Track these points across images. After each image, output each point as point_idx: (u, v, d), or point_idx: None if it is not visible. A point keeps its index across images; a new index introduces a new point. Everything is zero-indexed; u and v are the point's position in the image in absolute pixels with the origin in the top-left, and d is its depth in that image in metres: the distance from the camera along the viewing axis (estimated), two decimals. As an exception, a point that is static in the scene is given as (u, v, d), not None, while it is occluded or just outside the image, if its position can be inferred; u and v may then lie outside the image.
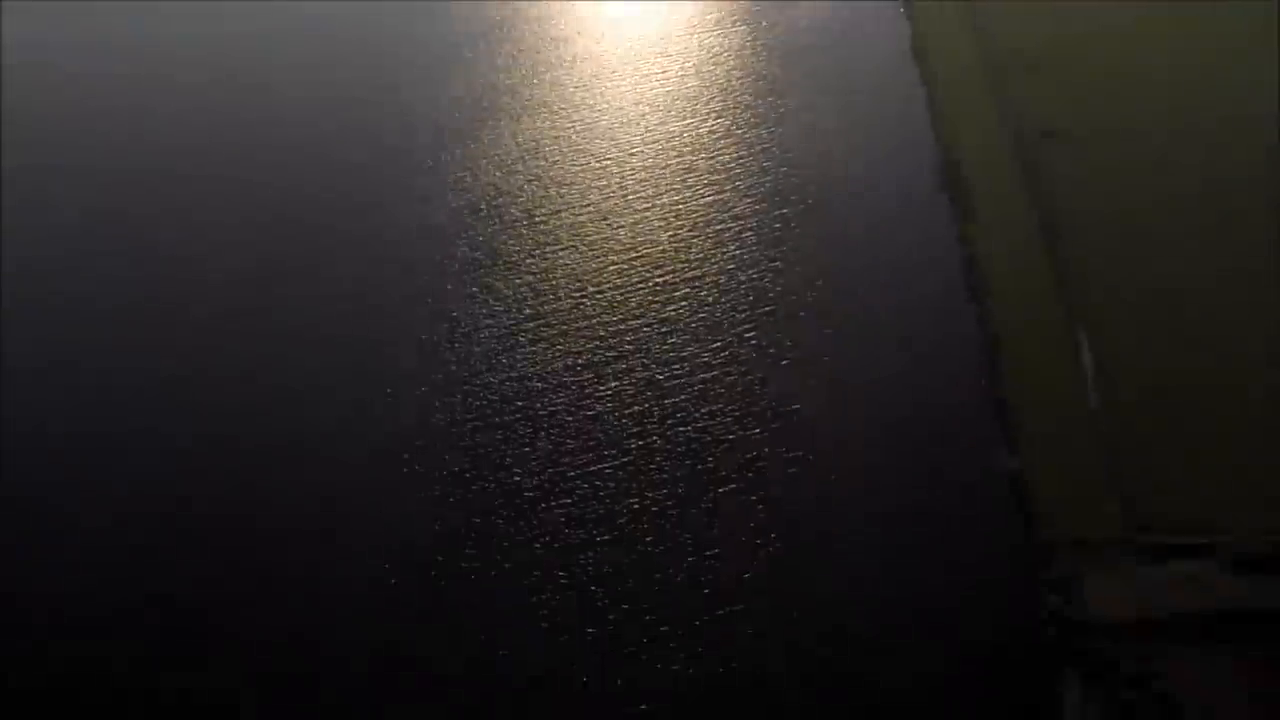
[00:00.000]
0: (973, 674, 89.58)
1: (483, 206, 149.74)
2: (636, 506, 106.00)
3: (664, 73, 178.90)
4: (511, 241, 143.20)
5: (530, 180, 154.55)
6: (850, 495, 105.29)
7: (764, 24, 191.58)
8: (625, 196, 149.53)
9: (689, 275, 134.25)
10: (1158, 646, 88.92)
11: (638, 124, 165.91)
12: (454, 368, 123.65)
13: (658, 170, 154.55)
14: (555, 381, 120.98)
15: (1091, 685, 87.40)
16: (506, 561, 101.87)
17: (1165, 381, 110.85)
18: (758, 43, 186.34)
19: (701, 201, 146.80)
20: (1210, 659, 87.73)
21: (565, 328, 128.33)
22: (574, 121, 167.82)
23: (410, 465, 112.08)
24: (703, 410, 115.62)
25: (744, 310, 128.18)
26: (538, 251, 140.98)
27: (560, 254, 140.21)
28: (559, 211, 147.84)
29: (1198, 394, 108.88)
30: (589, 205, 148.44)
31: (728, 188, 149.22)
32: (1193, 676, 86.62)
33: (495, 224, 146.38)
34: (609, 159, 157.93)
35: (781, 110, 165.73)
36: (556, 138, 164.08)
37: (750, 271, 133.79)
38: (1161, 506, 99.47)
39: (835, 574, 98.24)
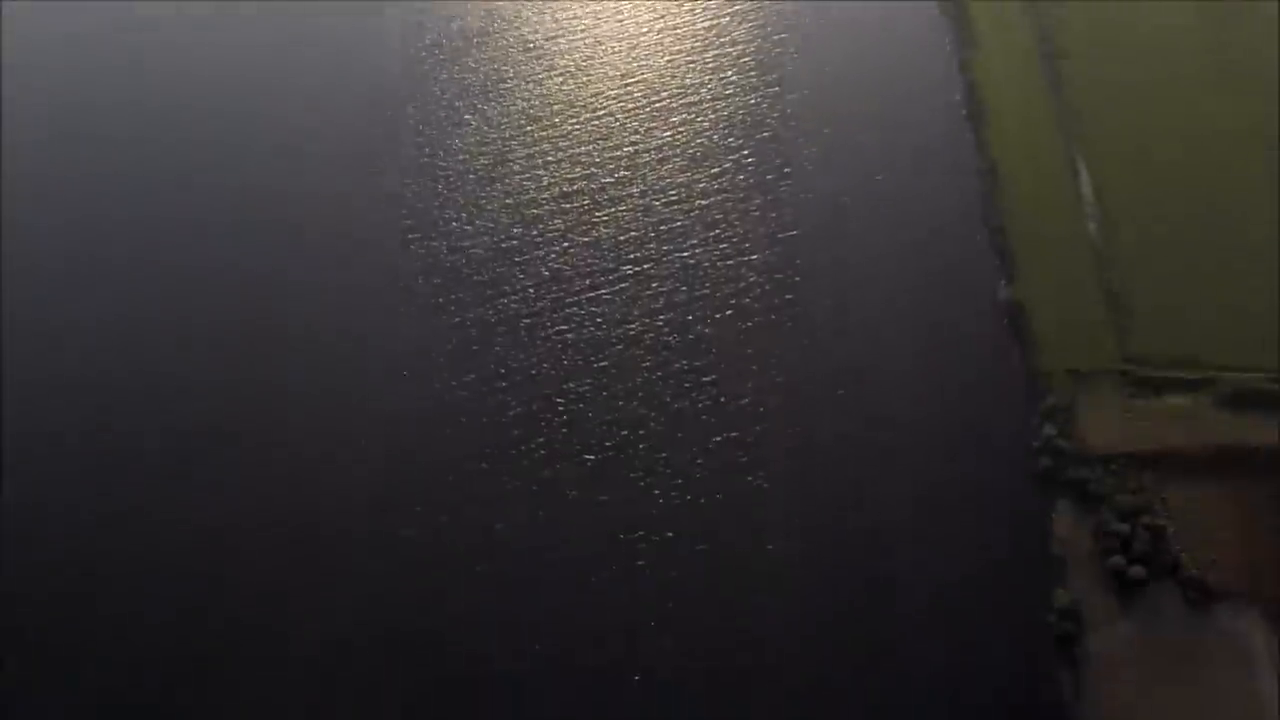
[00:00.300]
0: (965, 502, 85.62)
1: (476, 33, 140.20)
2: (634, 332, 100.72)
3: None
4: (506, 68, 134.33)
5: (525, 4, 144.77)
6: (847, 321, 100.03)
7: None
8: (621, 21, 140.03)
9: (686, 101, 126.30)
10: (1150, 480, 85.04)
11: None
12: (449, 195, 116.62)
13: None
14: (551, 208, 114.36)
15: (1083, 517, 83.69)
16: (504, 384, 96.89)
17: (1165, 214, 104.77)
18: None
19: (699, 26, 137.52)
20: (1201, 493, 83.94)
21: (560, 154, 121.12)
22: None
23: (406, 290, 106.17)
24: (699, 236, 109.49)
25: (741, 136, 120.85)
26: (532, 78, 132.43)
27: (554, 80, 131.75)
28: (554, 37, 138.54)
29: (1197, 228, 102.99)
30: (583, 30, 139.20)
31: (726, 12, 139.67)
32: (1184, 510, 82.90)
33: (489, 50, 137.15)
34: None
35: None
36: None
37: (748, 97, 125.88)
38: (1157, 340, 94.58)
39: (832, 401, 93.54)
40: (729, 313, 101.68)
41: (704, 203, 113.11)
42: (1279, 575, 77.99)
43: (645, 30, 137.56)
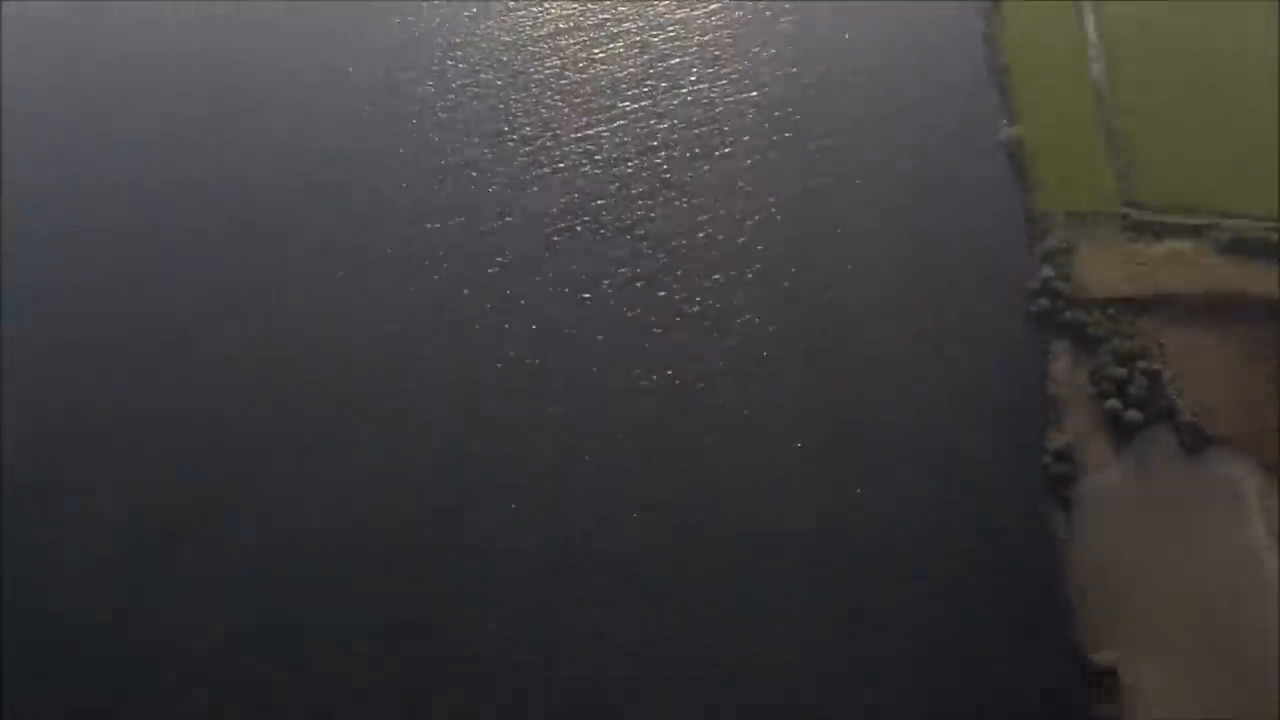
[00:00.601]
0: (962, 342, 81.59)
1: None
2: (631, 171, 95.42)
3: None
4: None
5: None
6: (846, 159, 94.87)
7: None
8: None
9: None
10: (1148, 324, 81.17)
11: None
12: (444, 35, 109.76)
13: None
14: (547, 46, 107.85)
15: (1080, 359, 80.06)
16: (498, 224, 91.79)
17: (1169, 57, 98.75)
18: None
19: None
20: (1199, 339, 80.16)
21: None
22: None
23: (399, 131, 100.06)
24: (698, 73, 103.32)
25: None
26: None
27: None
28: None
29: (1201, 72, 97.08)
30: None
31: None
32: (1181, 356, 79.23)
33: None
34: None
35: None
36: None
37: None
38: (1158, 184, 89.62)
39: (830, 239, 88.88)
40: (727, 150, 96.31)
41: (703, 39, 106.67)
42: (1274, 422, 74.83)
43: None
